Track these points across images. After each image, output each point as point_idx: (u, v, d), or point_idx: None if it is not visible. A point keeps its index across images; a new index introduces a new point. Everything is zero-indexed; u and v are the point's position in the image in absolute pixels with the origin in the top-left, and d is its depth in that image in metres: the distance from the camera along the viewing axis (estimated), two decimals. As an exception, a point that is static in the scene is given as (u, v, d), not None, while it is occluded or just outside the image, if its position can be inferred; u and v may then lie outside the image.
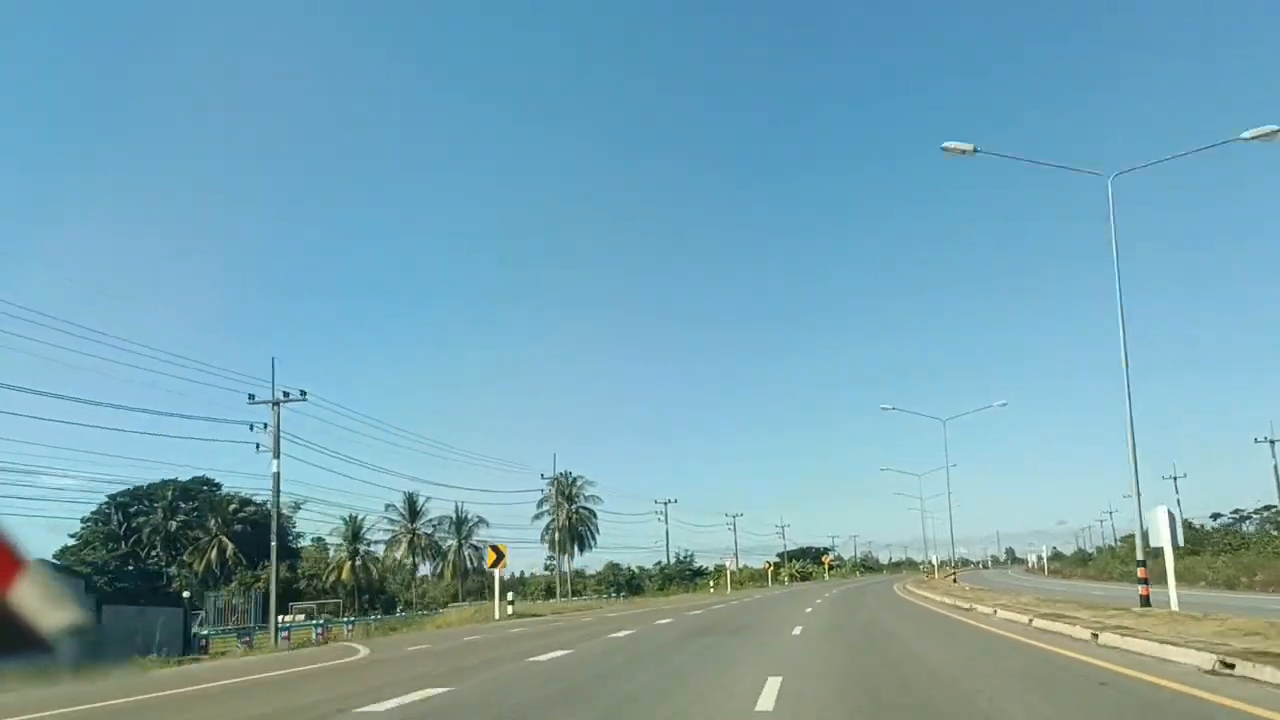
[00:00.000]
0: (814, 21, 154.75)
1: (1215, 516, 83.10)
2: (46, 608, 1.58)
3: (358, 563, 64.79)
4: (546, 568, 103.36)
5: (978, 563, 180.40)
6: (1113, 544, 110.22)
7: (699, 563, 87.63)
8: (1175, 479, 71.13)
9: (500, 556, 35.58)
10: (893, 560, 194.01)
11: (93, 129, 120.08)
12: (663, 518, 69.00)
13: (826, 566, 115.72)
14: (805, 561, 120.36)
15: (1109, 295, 20.36)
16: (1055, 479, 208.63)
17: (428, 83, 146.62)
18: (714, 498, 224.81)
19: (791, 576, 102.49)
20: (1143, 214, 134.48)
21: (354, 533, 65.46)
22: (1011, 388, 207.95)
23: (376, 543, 67.29)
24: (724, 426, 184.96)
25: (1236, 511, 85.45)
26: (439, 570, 65.20)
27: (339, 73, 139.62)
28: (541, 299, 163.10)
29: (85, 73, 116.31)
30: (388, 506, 65.15)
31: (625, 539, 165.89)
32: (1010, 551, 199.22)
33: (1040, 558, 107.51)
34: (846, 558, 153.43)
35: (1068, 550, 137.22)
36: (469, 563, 66.43)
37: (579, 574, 76.62)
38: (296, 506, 76.42)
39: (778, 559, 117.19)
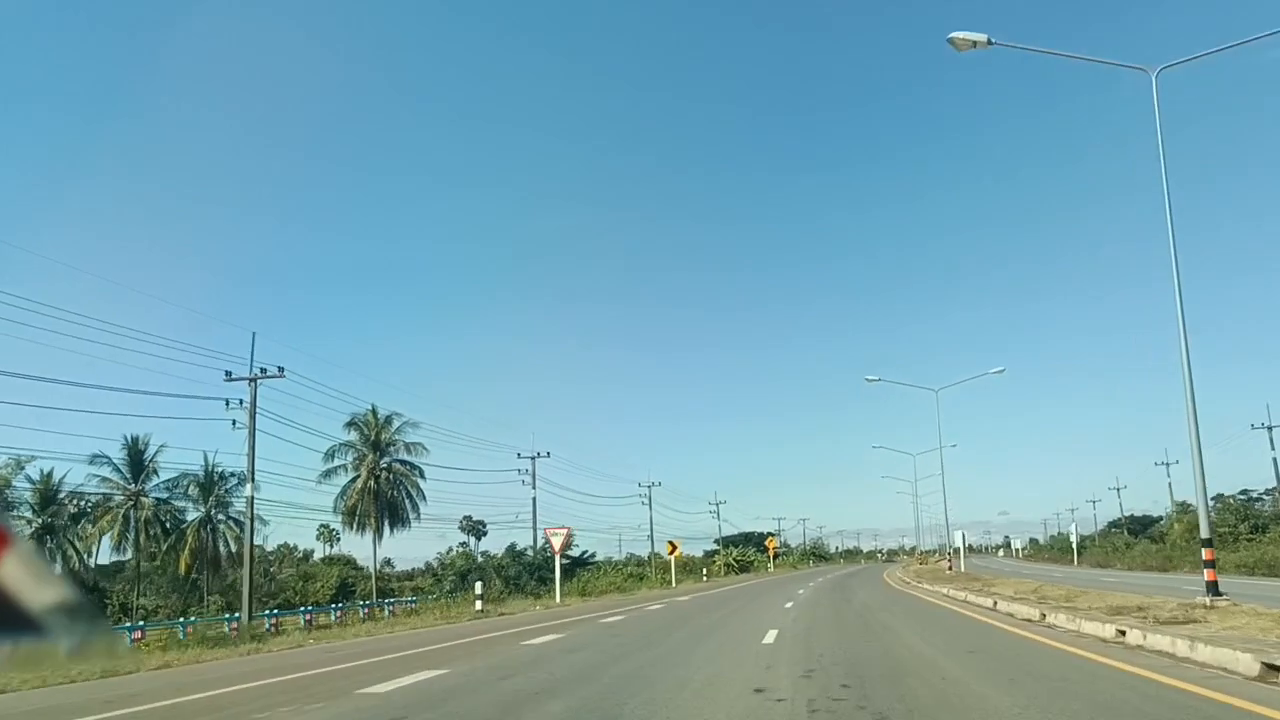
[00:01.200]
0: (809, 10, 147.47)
1: (1218, 497, 70.40)
2: (33, 585, 1.34)
3: (48, 544, 41.50)
4: (455, 554, 79.07)
5: (939, 549, 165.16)
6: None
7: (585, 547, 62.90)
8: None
9: None
10: (844, 548, 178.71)
11: (88, 128, 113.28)
12: (528, 479, 46.33)
13: (771, 554, 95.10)
14: (746, 548, 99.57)
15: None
16: (1001, 471, 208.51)
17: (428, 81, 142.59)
18: (639, 471, 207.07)
19: (728, 567, 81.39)
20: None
21: (44, 498, 42.07)
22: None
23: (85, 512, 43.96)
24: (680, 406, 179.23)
25: (1244, 492, 74.64)
26: (172, 556, 41.98)
27: (335, 72, 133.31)
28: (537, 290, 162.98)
29: (79, 73, 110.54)
30: (94, 458, 41.77)
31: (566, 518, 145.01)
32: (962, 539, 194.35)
33: (1085, 541, 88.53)
34: (794, 545, 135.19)
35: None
36: (227, 546, 43.44)
37: (387, 564, 53.36)
38: (20, 466, 52.82)
39: (716, 545, 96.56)
